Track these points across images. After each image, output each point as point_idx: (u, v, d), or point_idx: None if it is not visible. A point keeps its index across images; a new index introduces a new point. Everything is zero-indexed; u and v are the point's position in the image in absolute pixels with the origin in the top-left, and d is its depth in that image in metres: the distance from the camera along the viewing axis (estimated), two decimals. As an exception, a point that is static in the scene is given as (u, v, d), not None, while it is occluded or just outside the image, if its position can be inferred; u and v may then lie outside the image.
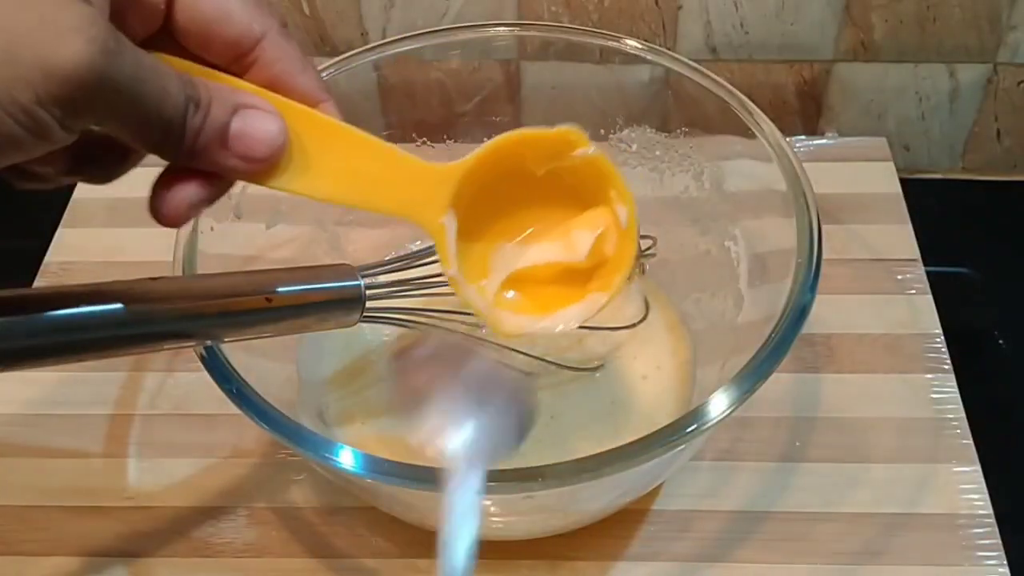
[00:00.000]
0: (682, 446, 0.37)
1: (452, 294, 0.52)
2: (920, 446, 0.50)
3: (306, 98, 0.33)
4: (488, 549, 0.47)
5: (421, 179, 0.36)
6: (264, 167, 0.32)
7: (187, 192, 0.31)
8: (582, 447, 0.47)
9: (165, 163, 0.31)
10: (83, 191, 0.64)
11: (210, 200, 0.32)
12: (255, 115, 0.31)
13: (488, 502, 0.41)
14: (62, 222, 0.62)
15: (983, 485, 0.48)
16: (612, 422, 0.49)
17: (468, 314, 0.52)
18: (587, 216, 0.41)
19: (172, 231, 0.41)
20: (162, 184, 0.31)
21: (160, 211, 0.31)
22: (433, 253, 0.39)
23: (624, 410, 0.49)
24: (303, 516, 0.49)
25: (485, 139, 0.39)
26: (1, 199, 0.71)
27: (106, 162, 0.33)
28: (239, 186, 0.48)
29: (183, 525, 0.48)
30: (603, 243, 0.41)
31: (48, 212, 0.63)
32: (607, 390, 0.50)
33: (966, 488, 0.48)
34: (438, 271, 0.40)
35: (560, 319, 0.42)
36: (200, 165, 0.31)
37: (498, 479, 0.36)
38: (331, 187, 0.34)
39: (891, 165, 0.64)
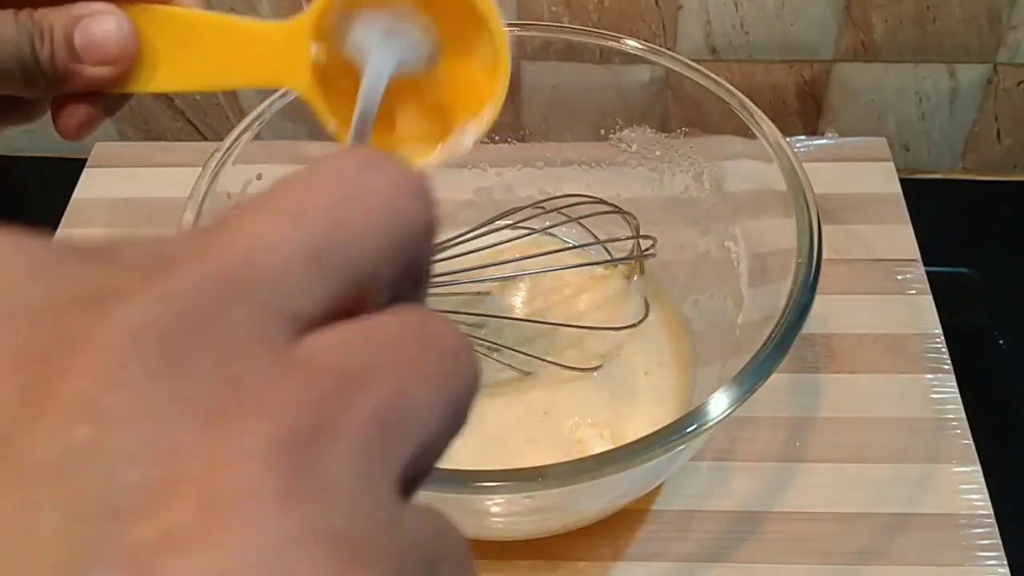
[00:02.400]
0: (682, 446, 0.37)
1: (454, 294, 0.52)
2: (920, 446, 0.50)
3: None
4: (488, 549, 0.47)
5: (278, 41, 0.35)
6: (126, 66, 0.33)
7: (79, 113, 0.34)
8: (582, 447, 0.48)
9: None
10: (83, 191, 0.64)
11: (105, 114, 0.35)
12: (92, 21, 0.32)
13: (489, 502, 0.42)
14: (62, 222, 0.62)
15: (983, 485, 0.48)
16: (612, 420, 0.49)
17: (469, 313, 0.52)
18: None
19: (172, 231, 0.41)
20: (57, 108, 0.34)
21: (61, 132, 0.34)
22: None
23: (625, 407, 0.49)
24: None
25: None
26: (2, 199, 0.71)
27: (13, 109, 0.35)
28: (240, 186, 0.48)
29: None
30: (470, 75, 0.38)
31: (48, 212, 0.63)
32: (607, 388, 0.50)
33: (966, 488, 0.48)
34: (439, 271, 0.40)
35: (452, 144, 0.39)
36: (74, 87, 0.33)
37: (498, 479, 0.36)
38: (199, 77, 0.35)
39: (891, 165, 0.64)
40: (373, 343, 0.14)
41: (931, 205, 0.63)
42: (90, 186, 0.64)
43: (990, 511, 0.47)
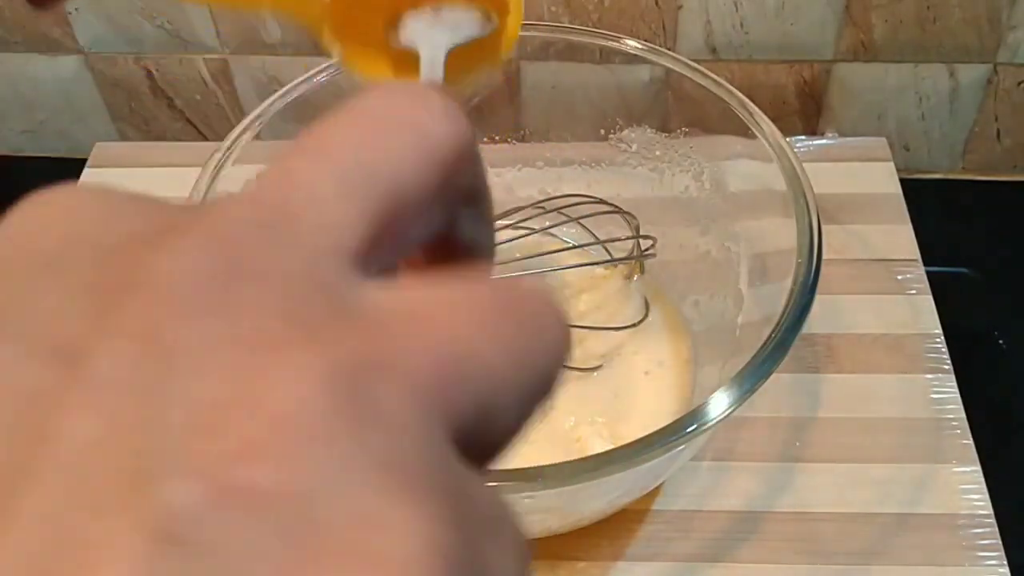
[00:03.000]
0: (682, 446, 0.38)
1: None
2: (920, 446, 0.50)
3: None
4: (488, 549, 0.47)
5: None
6: None
7: None
8: (581, 447, 0.48)
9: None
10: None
11: None
12: None
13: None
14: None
15: (983, 485, 0.48)
16: (612, 420, 0.49)
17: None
18: None
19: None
20: None
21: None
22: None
23: (625, 407, 0.49)
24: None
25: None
26: (2, 199, 0.71)
27: None
28: (240, 186, 0.48)
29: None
30: None
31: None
32: (608, 386, 0.50)
33: (966, 488, 0.48)
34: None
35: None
36: None
37: (498, 479, 0.36)
38: None
39: (891, 165, 0.64)
40: (444, 297, 0.14)
41: (931, 205, 0.63)
42: (90, 186, 0.64)
43: (990, 511, 0.47)
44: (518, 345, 0.14)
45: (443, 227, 0.16)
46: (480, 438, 0.14)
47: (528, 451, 0.48)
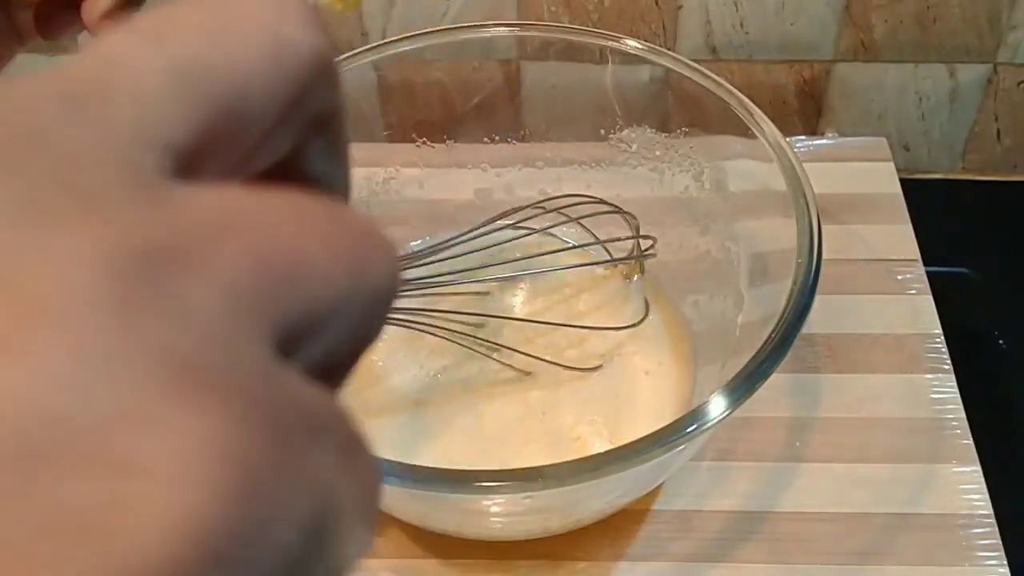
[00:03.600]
0: (682, 446, 0.37)
1: (454, 293, 0.52)
2: (920, 446, 0.50)
3: None
4: (488, 549, 0.47)
5: None
6: None
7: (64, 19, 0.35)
8: (581, 447, 0.48)
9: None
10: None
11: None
12: None
13: (489, 502, 0.42)
14: None
15: (983, 485, 0.48)
16: (612, 420, 0.49)
17: (469, 313, 0.52)
18: None
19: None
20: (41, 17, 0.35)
21: (44, 34, 0.35)
22: (433, 252, 0.39)
23: (625, 407, 0.49)
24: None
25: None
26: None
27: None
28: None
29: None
30: None
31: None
32: (608, 386, 0.50)
33: (966, 488, 0.48)
34: (439, 271, 0.40)
35: None
36: None
37: (498, 479, 0.36)
38: None
39: (891, 165, 0.64)
40: (273, 200, 0.12)
41: (931, 205, 0.63)
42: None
43: (990, 511, 0.47)
44: (352, 255, 0.13)
45: (286, 153, 0.15)
46: (313, 352, 0.12)
47: (528, 451, 0.48)
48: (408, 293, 0.46)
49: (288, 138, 0.14)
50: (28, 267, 0.10)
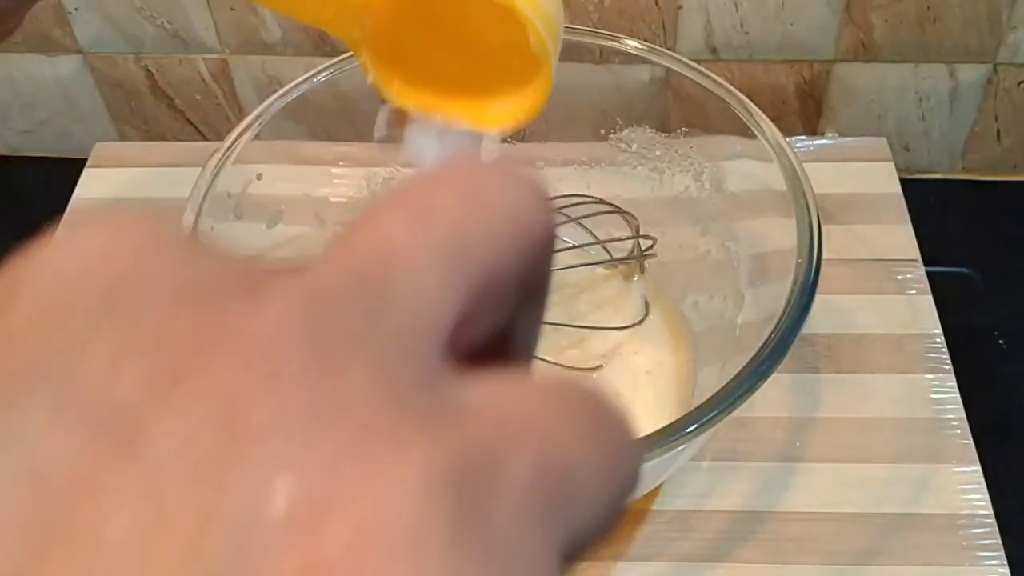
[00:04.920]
0: (682, 446, 0.38)
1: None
2: (920, 446, 0.50)
3: None
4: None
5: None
6: None
7: None
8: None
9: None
10: (83, 191, 0.64)
11: None
12: None
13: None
14: (62, 222, 0.62)
15: (983, 485, 0.48)
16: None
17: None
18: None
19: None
20: None
21: None
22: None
23: (625, 407, 0.49)
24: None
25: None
26: (2, 199, 0.71)
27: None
28: (240, 187, 0.48)
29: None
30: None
31: (48, 212, 0.63)
32: (608, 386, 0.50)
33: (966, 488, 0.48)
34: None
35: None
36: None
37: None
38: None
39: (891, 165, 0.64)
40: (539, 400, 0.13)
41: (931, 205, 0.63)
42: (90, 186, 0.64)
43: (990, 511, 0.47)
44: (610, 454, 0.13)
45: (503, 323, 0.15)
46: (569, 553, 0.12)
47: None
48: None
49: (510, 311, 0.14)
50: (362, 488, 0.10)
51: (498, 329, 0.15)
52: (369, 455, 0.10)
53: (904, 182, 0.63)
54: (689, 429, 0.37)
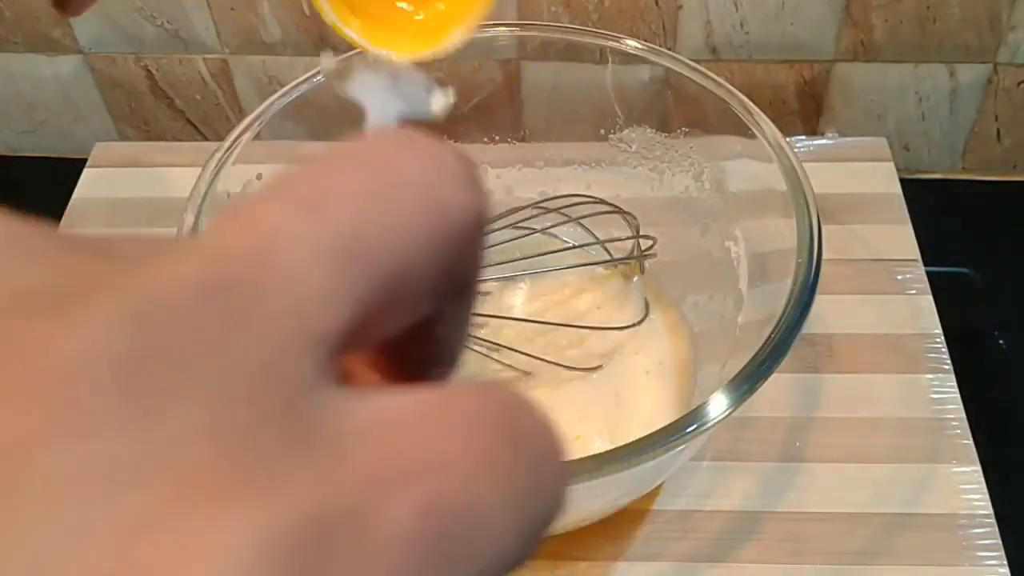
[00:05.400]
0: (682, 446, 0.38)
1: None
2: (920, 446, 0.50)
3: None
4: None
5: None
6: None
7: None
8: (582, 446, 0.48)
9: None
10: (83, 191, 0.64)
11: None
12: None
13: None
14: (62, 222, 0.63)
15: (983, 485, 0.48)
16: (612, 420, 0.49)
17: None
18: None
19: (172, 231, 0.41)
20: None
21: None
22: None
23: (625, 407, 0.49)
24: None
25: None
26: (1, 199, 0.71)
27: None
28: (240, 187, 0.48)
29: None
30: None
31: (48, 212, 0.63)
32: (608, 386, 0.50)
33: (966, 488, 0.48)
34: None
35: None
36: None
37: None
38: None
39: (891, 165, 0.64)
40: (438, 422, 0.11)
41: (931, 205, 0.63)
42: (90, 186, 0.64)
43: (990, 511, 0.47)
44: (525, 491, 0.11)
45: (422, 319, 0.13)
46: None
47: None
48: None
49: (429, 306, 0.13)
50: (173, 561, 0.08)
51: (420, 320, 0.13)
52: (179, 523, 0.08)
53: (904, 182, 0.63)
54: (689, 429, 0.37)
